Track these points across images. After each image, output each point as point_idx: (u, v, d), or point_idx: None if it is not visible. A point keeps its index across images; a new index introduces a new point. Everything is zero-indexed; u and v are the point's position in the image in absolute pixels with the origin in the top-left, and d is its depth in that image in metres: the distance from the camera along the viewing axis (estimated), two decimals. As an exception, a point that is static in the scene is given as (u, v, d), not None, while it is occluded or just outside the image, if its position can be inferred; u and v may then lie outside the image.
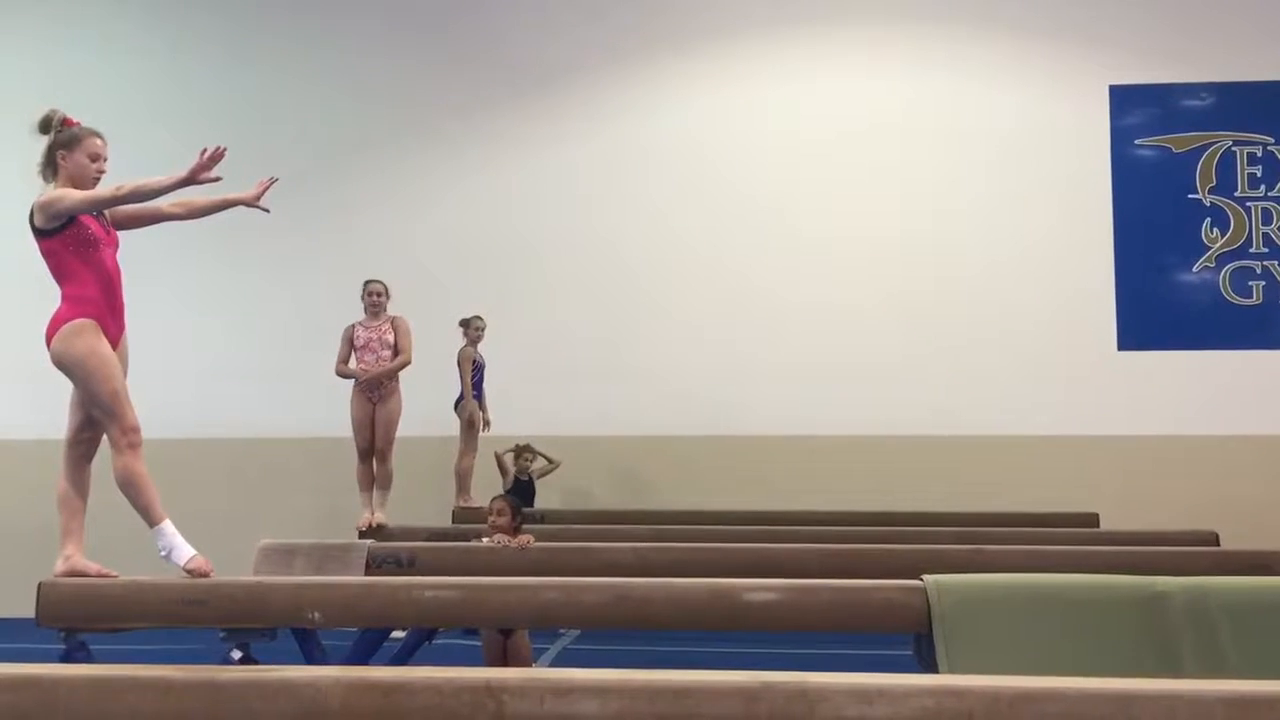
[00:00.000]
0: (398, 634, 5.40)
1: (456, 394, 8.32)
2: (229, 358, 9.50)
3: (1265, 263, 9.13)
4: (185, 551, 3.76)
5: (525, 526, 5.79)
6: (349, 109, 9.83)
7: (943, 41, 9.53)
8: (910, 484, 8.59)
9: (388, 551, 4.96)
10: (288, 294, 9.57)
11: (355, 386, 7.14)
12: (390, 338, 7.16)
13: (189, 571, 3.74)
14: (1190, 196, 9.22)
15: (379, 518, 6.80)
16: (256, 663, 3.61)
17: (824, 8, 9.67)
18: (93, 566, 3.81)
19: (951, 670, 3.28)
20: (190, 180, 3.82)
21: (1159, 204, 9.22)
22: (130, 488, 3.75)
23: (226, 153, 3.79)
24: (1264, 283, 9.11)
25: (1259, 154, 9.22)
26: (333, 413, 7.58)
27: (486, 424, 8.46)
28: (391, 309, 7.35)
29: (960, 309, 9.24)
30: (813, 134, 9.52)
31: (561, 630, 7.01)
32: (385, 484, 7.02)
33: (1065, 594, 3.48)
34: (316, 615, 3.67)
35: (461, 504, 8.03)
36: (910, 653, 3.70)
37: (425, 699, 2.45)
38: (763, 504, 8.23)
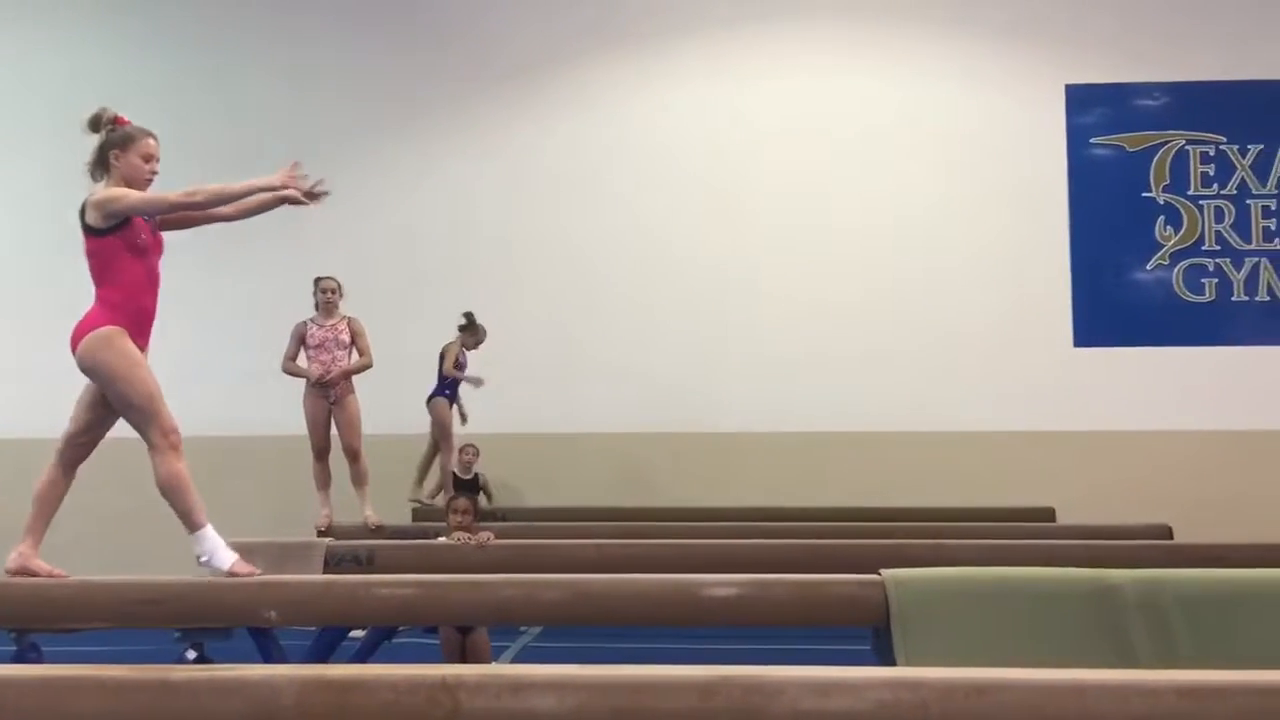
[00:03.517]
0: (357, 633, 5.36)
1: (427, 391, 8.27)
2: (184, 356, 9.36)
3: (1217, 260, 9.26)
4: (227, 556, 3.68)
5: (485, 524, 5.77)
6: (308, 103, 9.75)
7: (903, 41, 9.60)
8: (870, 479, 8.65)
9: (346, 550, 4.93)
10: (241, 290, 9.48)
11: (310, 385, 7.05)
12: (345, 337, 7.08)
13: (231, 574, 3.66)
14: (1144, 195, 9.34)
15: (374, 518, 6.72)
16: (211, 662, 3.57)
17: (789, 6, 9.71)
18: (44, 566, 3.74)
19: (908, 663, 3.30)
20: (279, 192, 3.82)
21: (1114, 202, 9.34)
22: (173, 491, 3.68)
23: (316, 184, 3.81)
24: (1216, 280, 9.24)
25: (1211, 153, 9.34)
26: (289, 411, 7.50)
27: (464, 418, 8.46)
28: (349, 306, 7.27)
29: (920, 306, 9.31)
30: (778, 130, 9.57)
31: (522, 628, 6.99)
32: (365, 481, 6.96)
33: (1021, 587, 3.51)
34: (273, 614, 3.63)
35: (425, 501, 8.03)
36: (869, 647, 3.72)
37: (381, 696, 2.44)
38: (725, 500, 8.26)
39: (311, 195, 3.99)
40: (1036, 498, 7.92)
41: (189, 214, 3.95)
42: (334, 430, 7.04)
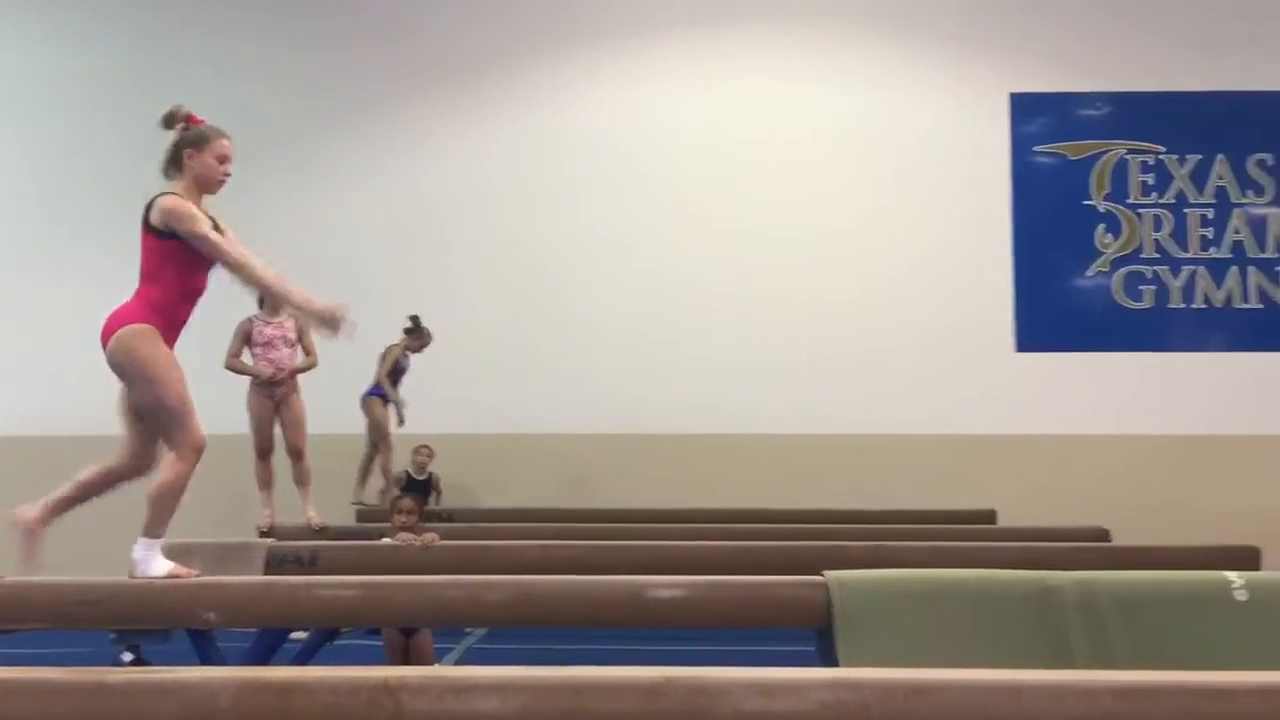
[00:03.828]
0: (299, 635, 5.30)
1: (363, 390, 8.21)
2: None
3: (1155, 268, 9.44)
4: (162, 566, 3.61)
5: (431, 525, 5.74)
6: (253, 101, 9.62)
7: (852, 46, 9.70)
8: (815, 481, 8.71)
9: (288, 550, 4.86)
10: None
11: (255, 384, 6.97)
12: (293, 335, 7.01)
13: (168, 575, 3.60)
14: (1085, 203, 9.50)
15: (316, 518, 6.64)
16: (148, 665, 3.51)
17: (740, 10, 9.76)
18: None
19: (851, 664, 3.32)
20: (314, 319, 3.77)
21: (1056, 210, 9.49)
22: (164, 498, 3.62)
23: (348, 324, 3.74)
24: (1154, 287, 9.42)
25: (1151, 163, 9.52)
26: (228, 410, 7.41)
27: (401, 420, 8.39)
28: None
29: (865, 310, 9.39)
30: (727, 133, 9.62)
31: (467, 630, 6.95)
32: (308, 481, 6.88)
33: (961, 589, 3.55)
34: (212, 616, 3.58)
35: (366, 502, 7.96)
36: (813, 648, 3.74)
37: (321, 699, 2.41)
38: (672, 501, 8.27)
39: (338, 329, 3.83)
40: (978, 500, 8.01)
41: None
42: (277, 430, 6.97)
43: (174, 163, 3.78)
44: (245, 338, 7.04)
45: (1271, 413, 9.10)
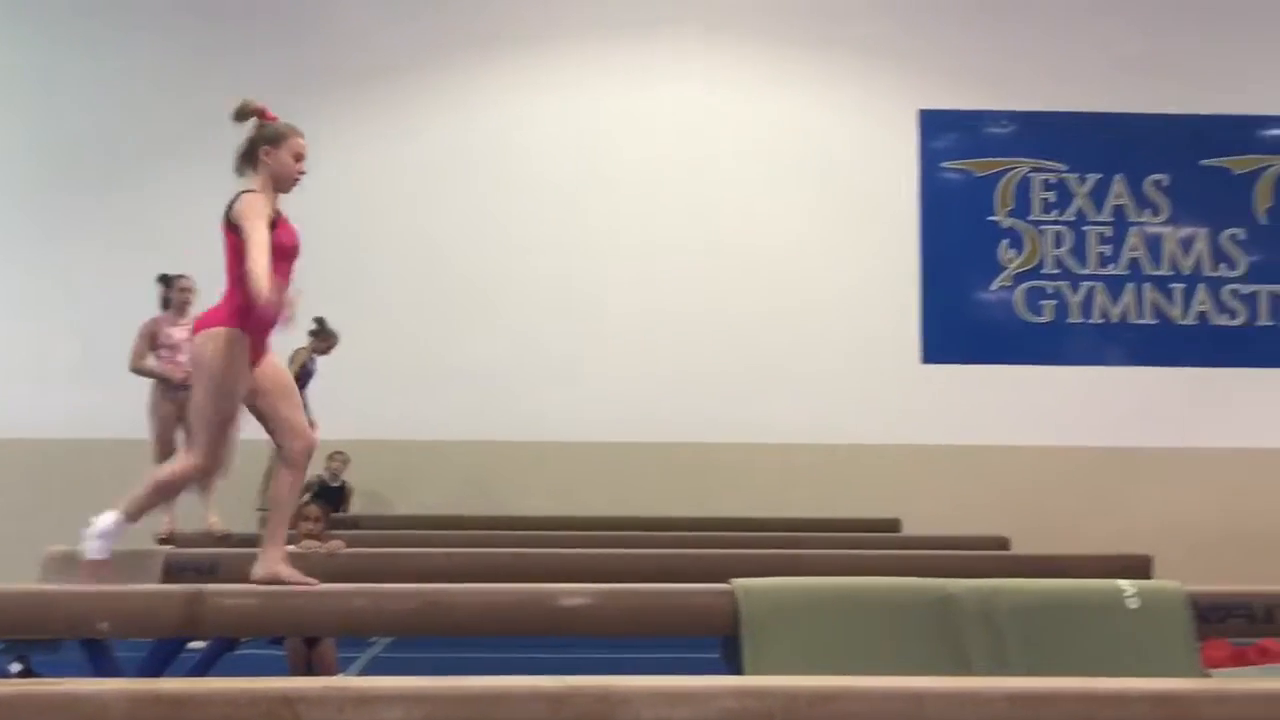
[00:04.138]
0: (198, 645, 5.18)
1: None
2: (17, 356, 8.99)
3: (1056, 283, 9.69)
4: (104, 548, 3.57)
5: (336, 532, 5.65)
6: (158, 100, 9.43)
7: (764, 58, 9.80)
8: (725, 490, 8.78)
9: (188, 558, 4.75)
10: (80, 291, 9.12)
11: (159, 387, 6.81)
12: (202, 338, 6.87)
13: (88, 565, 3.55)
14: (990, 218, 9.72)
15: (218, 525, 6.48)
16: (38, 676, 3.40)
17: (658, 21, 9.80)
18: (295, 574, 3.66)
19: (756, 672, 3.35)
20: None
21: (962, 225, 9.70)
22: (160, 489, 3.67)
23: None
24: (1055, 302, 9.67)
25: (1053, 181, 9.78)
26: (127, 413, 7.23)
27: (312, 425, 8.24)
28: (198, 309, 7.05)
29: (776, 320, 9.49)
30: (639, 143, 9.65)
31: (372, 640, 6.85)
32: (211, 487, 6.73)
33: (865, 596, 3.60)
34: (105, 625, 3.48)
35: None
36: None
37: (216, 711, 2.35)
38: (582, 509, 8.25)
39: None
40: (884, 509, 8.14)
41: None
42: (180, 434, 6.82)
43: (248, 159, 3.76)
44: (151, 339, 6.87)
45: (1164, 426, 9.40)
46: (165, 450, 6.77)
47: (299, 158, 3.75)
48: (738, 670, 3.46)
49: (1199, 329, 9.67)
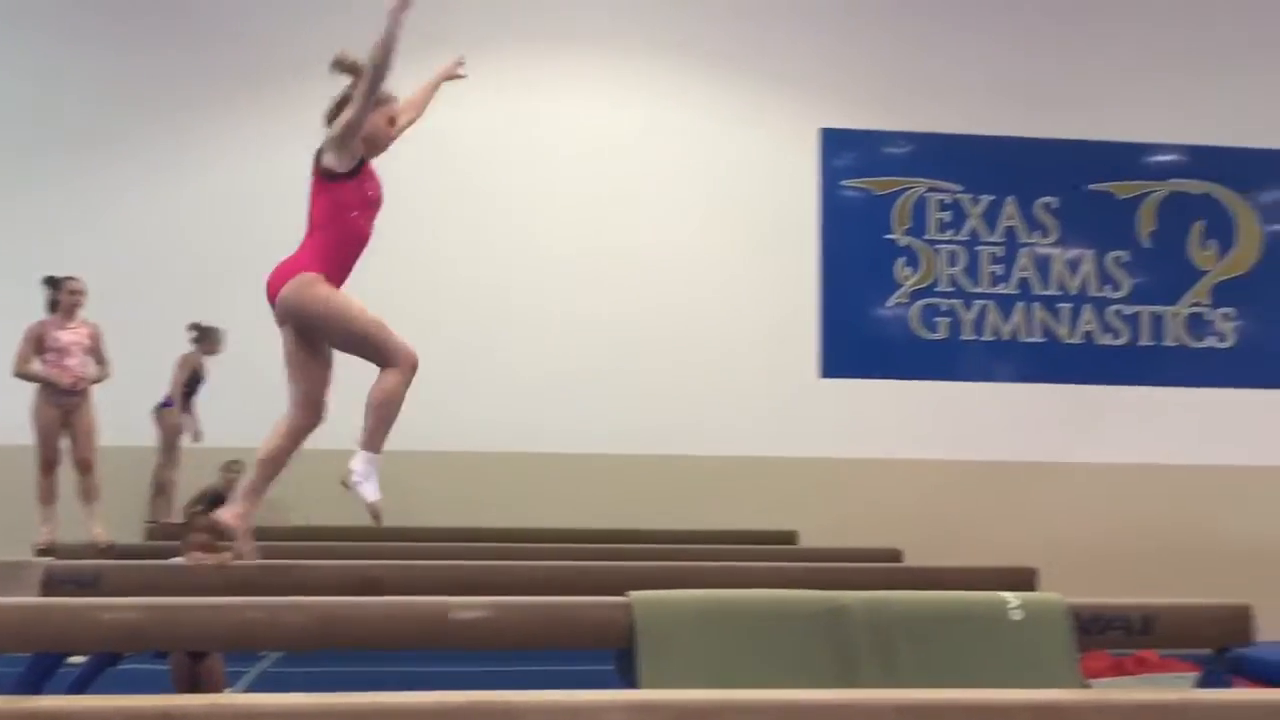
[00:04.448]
0: (78, 659, 5.02)
1: (159, 399, 7.87)
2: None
3: (950, 301, 9.93)
4: (372, 490, 3.58)
5: (227, 543, 5.51)
6: (65, 101, 9.17)
7: (672, 73, 9.87)
8: (623, 501, 8.78)
9: (68, 570, 4.59)
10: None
11: (44, 392, 6.59)
12: (89, 342, 6.67)
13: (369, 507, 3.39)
14: (887, 236, 9.92)
15: (102, 535, 6.28)
16: (-97, 694, 3.25)
17: (567, 32, 9.80)
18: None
19: (651, 685, 3.35)
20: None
21: (860, 242, 9.88)
22: (385, 406, 3.61)
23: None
24: (949, 319, 9.91)
25: (948, 201, 10.03)
26: (14, 420, 6.98)
27: (198, 436, 8.06)
28: (83, 312, 6.86)
29: (675, 332, 9.55)
30: (543, 151, 9.63)
31: (263, 653, 6.70)
32: (97, 496, 6.53)
33: (758, 608, 3.64)
34: (-22, 640, 3.35)
35: (160, 518, 7.60)
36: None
37: (94, 730, 2.28)
38: (478, 520, 8.19)
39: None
40: (782, 521, 8.23)
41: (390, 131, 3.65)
42: (64, 441, 6.61)
43: (340, 113, 3.57)
44: (36, 343, 6.65)
45: (1052, 441, 9.68)
46: (49, 456, 6.56)
47: (392, 122, 3.67)
48: (633, 684, 3.47)
49: (1085, 348, 9.99)
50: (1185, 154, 10.24)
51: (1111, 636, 3.92)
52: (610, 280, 9.54)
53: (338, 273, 3.61)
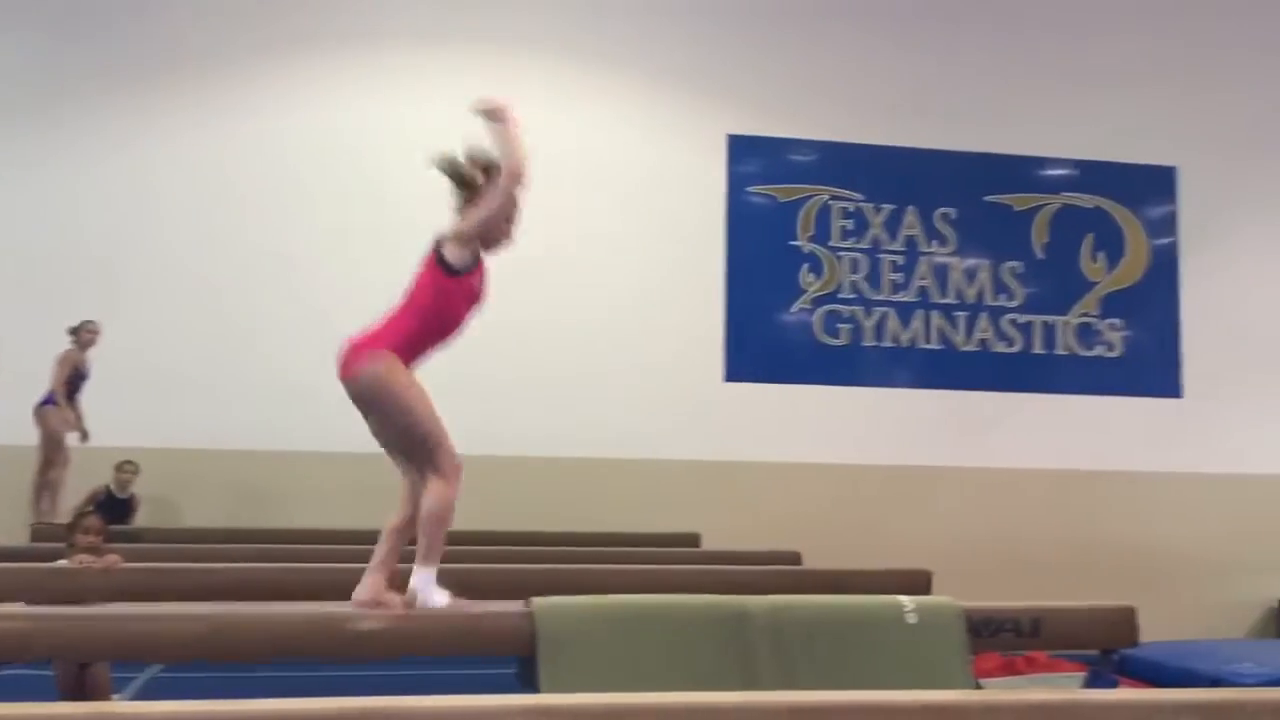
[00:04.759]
0: (-46, 668, 4.83)
1: (41, 398, 7.63)
2: None
3: (852, 308, 10.09)
4: (440, 595, 3.48)
5: (116, 545, 5.37)
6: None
7: (580, 77, 9.86)
8: (528, 504, 8.74)
9: (-54, 575, 4.43)
10: None
11: None
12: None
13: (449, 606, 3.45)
14: (792, 243, 10.04)
15: None
16: None
17: (468, 31, 9.72)
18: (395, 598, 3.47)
19: (551, 690, 3.35)
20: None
21: (765, 248, 9.98)
22: (438, 522, 3.44)
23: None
24: (850, 326, 10.06)
25: (851, 209, 10.18)
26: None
27: (85, 435, 7.83)
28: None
29: (580, 335, 9.54)
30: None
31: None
32: None
33: (660, 613, 3.66)
34: None
35: (44, 519, 7.37)
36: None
37: (-30, 742, 2.20)
38: (378, 522, 8.07)
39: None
40: (685, 524, 8.28)
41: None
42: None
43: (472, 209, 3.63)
44: None
45: (947, 446, 9.89)
46: None
47: (510, 220, 3.71)
48: (533, 689, 3.46)
49: (980, 355, 10.23)
50: (1077, 168, 10.56)
51: (1003, 638, 4.03)
52: (519, 286, 9.45)
53: (413, 359, 3.57)
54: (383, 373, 3.51)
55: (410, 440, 3.59)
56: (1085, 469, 10.06)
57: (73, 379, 7.85)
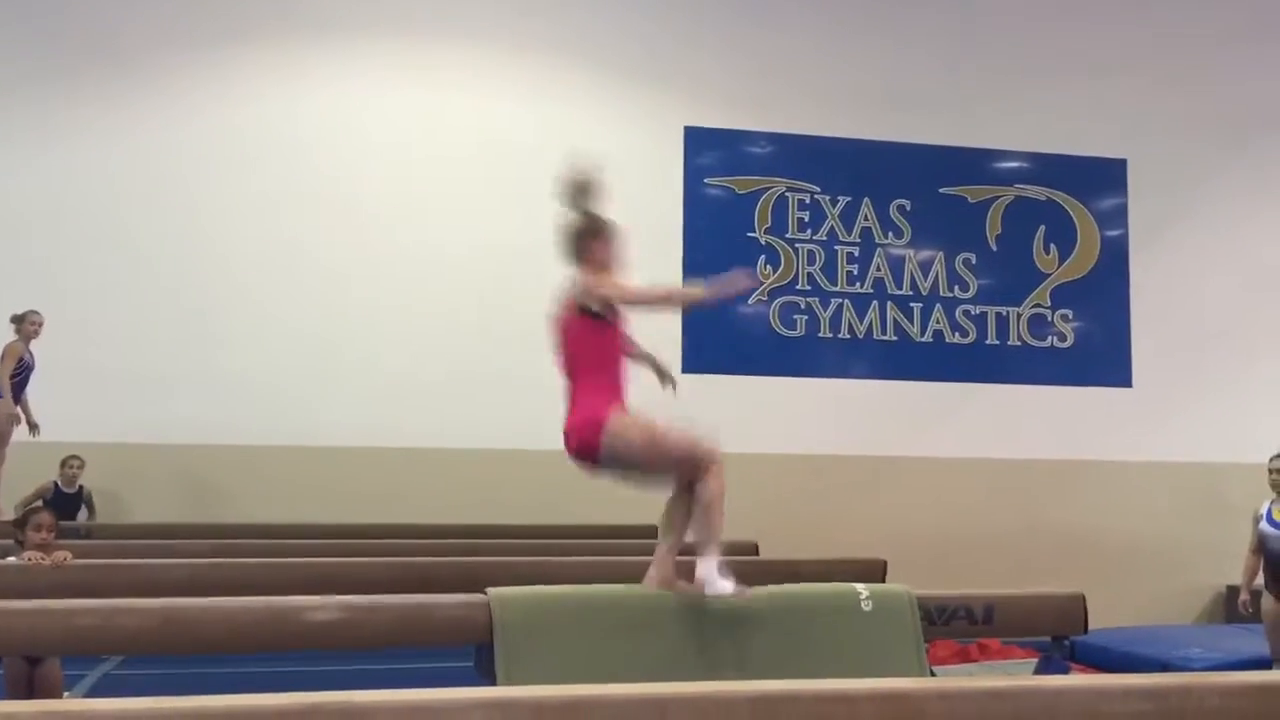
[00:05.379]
0: (-101, 667, 4.74)
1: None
2: None
3: (808, 299, 10.14)
4: (728, 585, 3.55)
5: (65, 541, 5.29)
6: None
7: (537, 69, 9.82)
8: (485, 496, 8.72)
9: (-111, 573, 4.35)
10: None
11: None
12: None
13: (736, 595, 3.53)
14: (749, 234, 10.07)
15: None
16: None
17: (430, 25, 9.66)
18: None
19: (509, 682, 3.34)
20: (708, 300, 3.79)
21: (723, 239, 10.00)
22: (713, 513, 3.69)
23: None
24: (806, 317, 10.11)
25: (807, 201, 10.22)
26: None
27: (34, 428, 7.71)
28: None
29: (541, 328, 9.47)
30: (402, 145, 9.49)
31: (105, 655, 6.44)
32: None
33: (618, 603, 3.67)
34: None
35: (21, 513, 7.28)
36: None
37: (-86, 742, 2.16)
38: (334, 517, 8.04)
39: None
40: (643, 515, 8.24)
41: None
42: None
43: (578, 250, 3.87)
44: None
45: (902, 436, 9.97)
46: None
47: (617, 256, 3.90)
48: (490, 681, 3.45)
49: (934, 346, 10.32)
50: (1030, 161, 10.66)
51: (956, 626, 4.08)
52: (475, 276, 9.43)
53: (620, 397, 3.76)
54: (622, 432, 3.74)
55: (668, 463, 3.84)
56: (1038, 458, 10.18)
57: (19, 372, 7.73)
